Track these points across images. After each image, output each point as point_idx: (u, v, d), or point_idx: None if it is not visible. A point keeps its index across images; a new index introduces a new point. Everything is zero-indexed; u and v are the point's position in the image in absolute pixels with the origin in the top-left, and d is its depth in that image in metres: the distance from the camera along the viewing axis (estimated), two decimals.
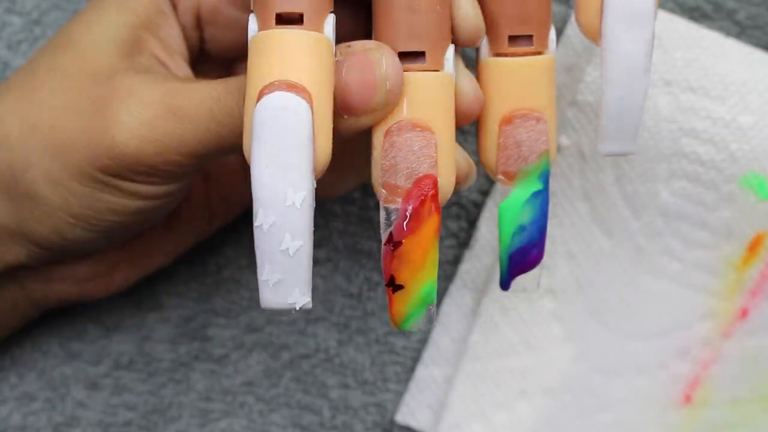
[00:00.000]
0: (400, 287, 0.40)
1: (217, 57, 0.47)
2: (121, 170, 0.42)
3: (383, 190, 0.40)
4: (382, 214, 0.40)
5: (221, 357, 0.54)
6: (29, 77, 0.44)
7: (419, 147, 0.40)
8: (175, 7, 0.45)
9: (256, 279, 0.53)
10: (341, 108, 0.40)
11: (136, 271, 0.51)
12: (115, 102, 0.41)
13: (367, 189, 0.54)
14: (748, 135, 0.51)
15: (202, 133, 0.41)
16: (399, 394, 0.55)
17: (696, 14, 0.53)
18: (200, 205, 0.50)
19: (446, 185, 0.41)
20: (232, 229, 0.54)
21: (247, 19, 0.45)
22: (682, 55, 0.51)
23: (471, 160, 0.44)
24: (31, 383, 0.54)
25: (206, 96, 0.41)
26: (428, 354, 0.54)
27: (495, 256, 0.53)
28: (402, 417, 0.54)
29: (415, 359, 0.54)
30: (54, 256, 0.46)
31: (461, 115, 0.42)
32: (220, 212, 0.51)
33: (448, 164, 0.41)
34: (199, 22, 0.46)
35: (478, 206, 0.54)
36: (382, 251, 0.40)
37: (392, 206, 0.40)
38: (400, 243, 0.40)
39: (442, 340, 0.54)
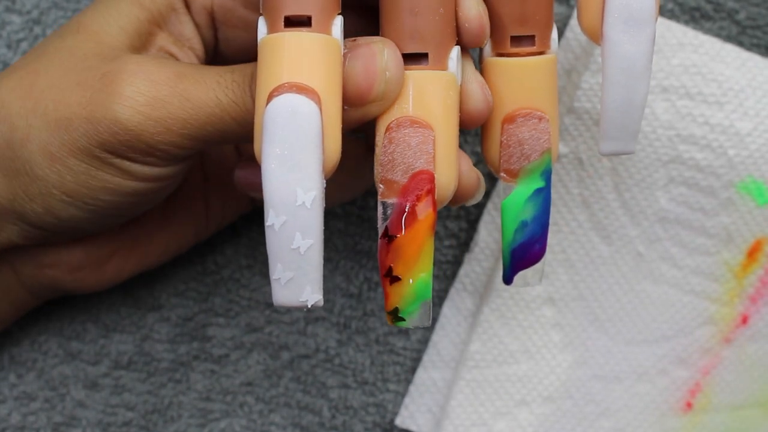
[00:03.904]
0: (397, 279, 0.41)
1: (231, 57, 0.48)
2: (119, 147, 0.42)
3: (381, 185, 0.41)
4: (380, 208, 0.41)
5: (221, 357, 0.54)
6: (35, 59, 0.44)
7: (416, 143, 0.41)
8: (188, 5, 0.46)
9: (256, 279, 0.54)
10: (344, 98, 0.40)
11: (130, 265, 0.51)
12: (122, 77, 0.41)
13: (367, 189, 0.54)
14: (746, 141, 0.51)
15: (206, 118, 0.41)
16: (399, 395, 0.55)
17: (696, 14, 0.53)
18: (198, 204, 0.51)
19: (446, 183, 0.41)
20: (232, 228, 0.54)
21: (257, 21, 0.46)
22: (679, 61, 0.51)
23: (479, 172, 0.44)
24: (31, 383, 0.54)
25: (213, 82, 0.41)
26: (428, 357, 0.54)
27: (495, 259, 0.53)
28: (402, 421, 0.54)
29: (415, 359, 0.55)
30: (47, 236, 0.46)
31: (469, 117, 0.43)
32: (218, 214, 0.52)
33: (448, 162, 0.41)
34: (213, 22, 0.46)
35: (478, 206, 0.54)
36: (378, 244, 0.41)
37: (389, 200, 0.41)
38: (395, 237, 0.40)
39: (441, 343, 0.54)
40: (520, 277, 0.44)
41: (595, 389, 0.54)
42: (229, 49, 0.47)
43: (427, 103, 0.41)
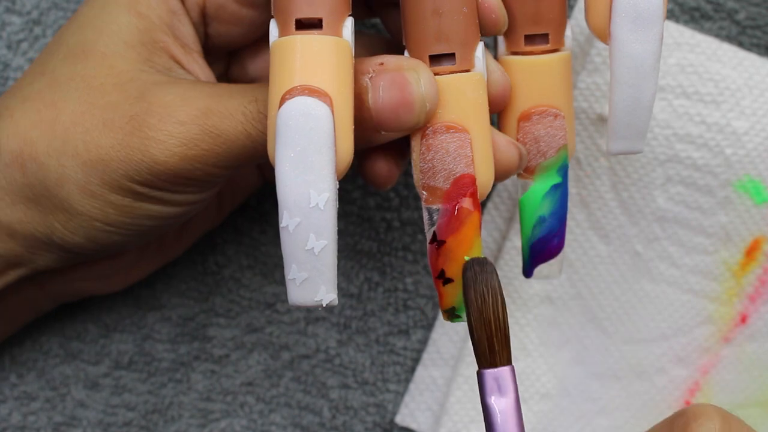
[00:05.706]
0: (450, 281, 0.42)
1: (218, 51, 0.48)
2: (159, 183, 0.43)
3: (424, 192, 0.42)
4: (425, 214, 0.42)
5: (221, 357, 0.54)
6: (49, 88, 0.44)
7: (454, 148, 0.41)
8: (182, 3, 0.46)
9: (257, 279, 0.54)
10: (378, 125, 0.41)
11: (154, 264, 0.52)
12: (151, 120, 0.42)
13: (367, 189, 0.54)
14: (743, 140, 0.51)
15: (238, 150, 0.42)
16: (399, 395, 0.55)
17: (696, 14, 0.53)
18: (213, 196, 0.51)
19: (485, 181, 0.42)
20: (233, 228, 0.54)
21: (253, 17, 0.46)
22: (676, 60, 0.51)
23: (518, 145, 0.44)
24: (31, 383, 0.54)
25: (240, 115, 0.42)
26: (428, 355, 0.54)
27: (494, 258, 0.53)
28: (402, 419, 0.54)
29: (415, 360, 0.55)
30: (83, 259, 0.47)
31: (495, 103, 0.43)
32: (229, 199, 0.52)
33: (485, 160, 0.42)
34: (204, 18, 0.46)
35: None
36: (428, 250, 0.42)
37: (434, 206, 0.42)
38: (444, 242, 0.41)
39: (441, 341, 0.54)
40: (539, 270, 0.45)
41: (592, 387, 0.54)
42: (218, 44, 0.48)
43: (460, 106, 0.42)
